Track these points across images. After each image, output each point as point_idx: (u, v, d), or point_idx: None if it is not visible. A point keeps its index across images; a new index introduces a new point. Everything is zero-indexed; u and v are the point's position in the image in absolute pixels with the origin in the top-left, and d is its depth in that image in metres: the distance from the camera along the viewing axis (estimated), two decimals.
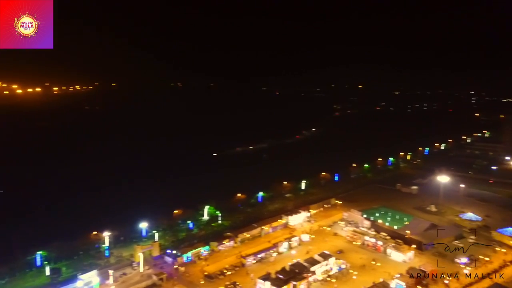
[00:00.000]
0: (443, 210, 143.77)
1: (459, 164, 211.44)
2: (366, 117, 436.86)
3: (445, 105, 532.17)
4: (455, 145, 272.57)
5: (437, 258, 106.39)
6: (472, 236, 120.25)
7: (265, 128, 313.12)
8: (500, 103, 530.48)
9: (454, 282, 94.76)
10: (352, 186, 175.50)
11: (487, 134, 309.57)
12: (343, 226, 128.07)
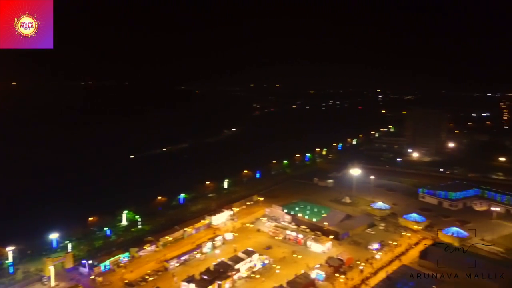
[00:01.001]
0: (357, 201, 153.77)
1: (369, 157, 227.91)
2: (284, 115, 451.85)
3: (355, 103, 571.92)
4: (365, 140, 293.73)
5: (352, 247, 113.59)
6: (382, 223, 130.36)
7: (185, 128, 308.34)
8: (402, 100, 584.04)
9: (368, 267, 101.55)
10: (273, 182, 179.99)
11: (392, 129, 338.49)
12: (265, 222, 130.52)
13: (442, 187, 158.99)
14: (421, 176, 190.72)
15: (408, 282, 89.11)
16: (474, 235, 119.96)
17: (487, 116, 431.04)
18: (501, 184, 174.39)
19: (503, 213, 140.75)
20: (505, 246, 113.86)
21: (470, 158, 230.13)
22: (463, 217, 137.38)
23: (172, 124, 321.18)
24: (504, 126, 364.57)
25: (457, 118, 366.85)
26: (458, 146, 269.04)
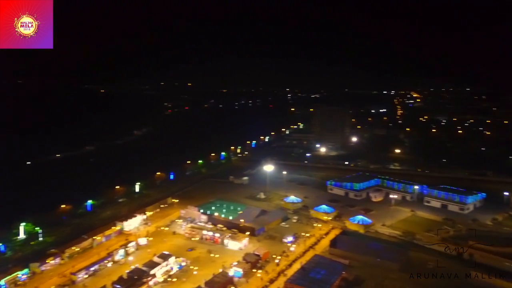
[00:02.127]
0: (271, 196, 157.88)
1: (281, 154, 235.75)
2: (198, 114, 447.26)
3: (266, 102, 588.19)
4: (276, 137, 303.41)
5: (268, 241, 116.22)
6: (295, 216, 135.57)
7: (91, 130, 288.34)
8: (309, 99, 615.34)
9: (283, 260, 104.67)
10: (188, 183, 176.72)
11: (301, 126, 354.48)
12: (181, 224, 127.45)
13: (347, 179, 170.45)
14: (328, 170, 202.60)
15: (320, 271, 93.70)
16: (376, 221, 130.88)
17: (384, 112, 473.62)
18: (398, 173, 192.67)
19: (400, 200, 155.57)
20: (403, 229, 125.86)
21: (370, 151, 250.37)
22: (366, 206, 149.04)
23: (76, 126, 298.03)
24: (398, 121, 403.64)
25: (358, 114, 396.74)
26: (360, 140, 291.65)
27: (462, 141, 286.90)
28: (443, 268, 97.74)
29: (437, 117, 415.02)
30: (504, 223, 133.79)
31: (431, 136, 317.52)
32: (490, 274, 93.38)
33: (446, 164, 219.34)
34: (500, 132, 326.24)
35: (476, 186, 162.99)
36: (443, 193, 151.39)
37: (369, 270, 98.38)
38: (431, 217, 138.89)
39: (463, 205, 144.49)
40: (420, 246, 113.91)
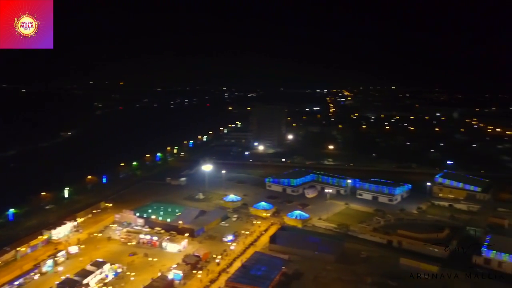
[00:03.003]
0: (210, 196, 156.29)
1: (219, 153, 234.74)
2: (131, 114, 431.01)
3: (203, 100, 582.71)
4: (215, 136, 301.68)
5: (208, 241, 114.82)
6: (235, 215, 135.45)
7: (12, 132, 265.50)
8: (246, 97, 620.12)
9: (224, 259, 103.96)
10: (122, 186, 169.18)
11: (239, 124, 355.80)
12: (116, 229, 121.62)
13: (285, 175, 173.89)
14: (267, 167, 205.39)
15: (261, 267, 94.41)
16: (313, 215, 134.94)
17: (317, 110, 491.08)
18: (332, 168, 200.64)
19: (335, 194, 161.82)
20: (338, 222, 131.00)
21: (306, 148, 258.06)
22: (303, 201, 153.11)
23: None
24: (331, 118, 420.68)
25: (294, 112, 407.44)
26: (296, 138, 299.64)
27: (389, 136, 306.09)
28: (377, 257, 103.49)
29: (367, 114, 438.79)
30: (427, 211, 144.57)
31: (361, 132, 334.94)
32: (416, 258, 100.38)
33: (375, 158, 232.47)
34: (422, 127, 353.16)
35: (402, 178, 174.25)
36: (374, 186, 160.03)
37: (307, 263, 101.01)
38: (363, 209, 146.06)
39: (392, 196, 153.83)
40: (354, 237, 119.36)
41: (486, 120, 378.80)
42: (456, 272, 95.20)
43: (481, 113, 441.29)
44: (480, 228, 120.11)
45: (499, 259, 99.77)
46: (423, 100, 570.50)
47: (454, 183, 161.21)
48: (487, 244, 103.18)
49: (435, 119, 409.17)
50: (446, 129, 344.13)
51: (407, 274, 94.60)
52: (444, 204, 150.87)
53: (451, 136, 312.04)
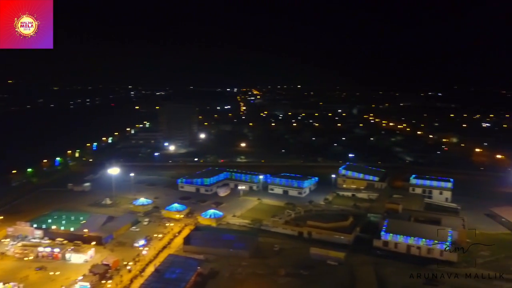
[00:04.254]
0: (118, 201, 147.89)
1: (127, 155, 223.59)
2: (23, 116, 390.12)
3: (107, 100, 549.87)
4: (121, 137, 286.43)
5: (118, 248, 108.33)
6: (146, 219, 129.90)
7: None
8: (155, 96, 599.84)
9: (136, 265, 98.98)
10: (15, 196, 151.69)
11: (147, 124, 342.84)
12: (8, 244, 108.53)
13: (197, 175, 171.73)
14: (179, 167, 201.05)
15: (175, 270, 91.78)
16: (227, 213, 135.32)
17: (229, 108, 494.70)
18: (244, 165, 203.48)
19: (248, 190, 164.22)
20: (251, 217, 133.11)
21: (218, 146, 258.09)
22: (217, 200, 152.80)
23: None
24: (242, 117, 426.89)
25: (205, 111, 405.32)
26: (208, 136, 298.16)
27: (297, 133, 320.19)
28: (290, 249, 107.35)
29: (275, 112, 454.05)
30: (333, 201, 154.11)
31: (271, 129, 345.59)
32: (325, 247, 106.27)
33: (285, 154, 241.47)
34: (326, 123, 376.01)
35: (310, 172, 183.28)
36: (284, 180, 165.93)
37: (223, 261, 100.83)
38: (275, 203, 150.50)
39: (301, 190, 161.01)
40: (268, 231, 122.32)
41: (381, 116, 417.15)
42: (361, 256, 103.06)
43: (376, 109, 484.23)
44: (379, 214, 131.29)
45: (395, 241, 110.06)
46: (326, 98, 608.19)
47: (355, 174, 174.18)
48: (385, 228, 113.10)
49: (337, 115, 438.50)
50: (347, 124, 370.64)
51: (317, 262, 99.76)
52: (347, 194, 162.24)
53: (351, 131, 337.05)
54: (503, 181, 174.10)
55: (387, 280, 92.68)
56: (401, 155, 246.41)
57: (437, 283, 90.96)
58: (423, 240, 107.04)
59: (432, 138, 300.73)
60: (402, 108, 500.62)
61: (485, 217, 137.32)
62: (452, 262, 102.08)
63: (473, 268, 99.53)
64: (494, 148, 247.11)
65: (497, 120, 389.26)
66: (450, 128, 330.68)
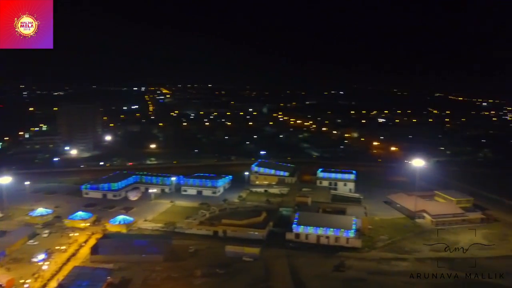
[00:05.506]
0: (11, 213, 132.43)
1: (21, 161, 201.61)
2: None
3: None
4: (13, 142, 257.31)
5: (13, 265, 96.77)
6: (46, 230, 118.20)
7: None
8: (52, 97, 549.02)
9: (36, 282, 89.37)
10: None
11: (44, 127, 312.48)
12: None
13: (104, 180, 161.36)
14: (82, 173, 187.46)
15: (82, 283, 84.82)
16: (138, 218, 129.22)
17: (136, 108, 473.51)
18: (156, 168, 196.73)
19: (160, 193, 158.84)
20: (164, 221, 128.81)
21: (126, 148, 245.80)
22: (127, 204, 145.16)
23: None
24: (151, 117, 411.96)
25: (110, 111, 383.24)
26: (114, 138, 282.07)
27: (210, 132, 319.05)
28: (205, 249, 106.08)
29: (187, 112, 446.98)
30: (247, 198, 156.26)
31: (182, 129, 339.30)
32: (240, 244, 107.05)
33: (198, 153, 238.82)
34: (238, 122, 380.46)
35: (224, 170, 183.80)
36: (198, 181, 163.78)
37: (135, 268, 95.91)
38: (189, 204, 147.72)
39: (215, 189, 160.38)
40: (182, 233, 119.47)
41: (289, 114, 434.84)
42: (275, 250, 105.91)
43: (284, 108, 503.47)
44: (290, 208, 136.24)
45: (306, 232, 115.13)
46: (237, 97, 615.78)
47: (267, 170, 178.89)
48: (296, 221, 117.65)
49: (249, 114, 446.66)
50: (258, 123, 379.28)
51: (233, 260, 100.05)
52: (260, 190, 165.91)
53: (262, 129, 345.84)
54: (397, 171, 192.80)
55: (299, 270, 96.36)
56: (309, 151, 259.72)
57: (345, 269, 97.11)
58: (331, 230, 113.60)
59: (336, 134, 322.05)
60: (308, 107, 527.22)
61: (383, 204, 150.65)
62: (357, 248, 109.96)
63: (375, 251, 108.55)
64: (389, 141, 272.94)
65: (391, 116, 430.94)
66: (351, 124, 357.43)
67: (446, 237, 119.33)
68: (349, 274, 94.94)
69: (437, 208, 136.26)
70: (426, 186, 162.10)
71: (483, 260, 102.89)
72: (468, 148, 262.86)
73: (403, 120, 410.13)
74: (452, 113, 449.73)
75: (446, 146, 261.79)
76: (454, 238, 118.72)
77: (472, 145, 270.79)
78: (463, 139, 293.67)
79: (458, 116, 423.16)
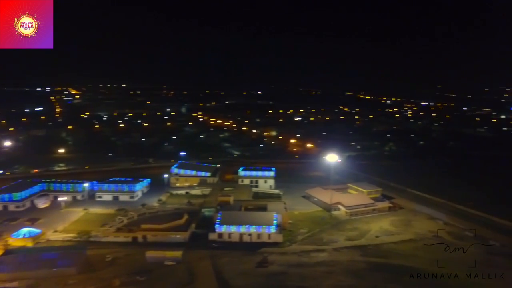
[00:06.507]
0: None
1: None
2: None
3: None
4: None
5: None
6: None
7: None
8: None
9: None
10: None
11: None
12: None
13: (4, 190, 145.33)
14: None
15: None
16: (47, 229, 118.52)
17: (40, 110, 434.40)
18: (65, 174, 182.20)
19: (71, 201, 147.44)
20: (77, 230, 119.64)
21: (30, 154, 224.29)
22: (33, 215, 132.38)
23: None
24: (58, 119, 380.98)
25: (9, 114, 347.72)
26: (16, 144, 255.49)
27: (125, 134, 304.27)
28: (124, 257, 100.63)
29: (99, 113, 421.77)
30: (167, 201, 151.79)
31: (95, 132, 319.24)
32: (162, 248, 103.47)
33: (113, 157, 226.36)
34: (155, 123, 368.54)
35: (142, 174, 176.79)
36: (113, 186, 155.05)
37: (45, 284, 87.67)
38: (104, 211, 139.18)
39: (133, 193, 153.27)
40: (98, 242, 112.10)
41: (209, 114, 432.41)
42: (198, 252, 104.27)
43: (204, 108, 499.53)
44: (213, 208, 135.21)
45: (229, 231, 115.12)
46: (154, 97, 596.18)
47: (188, 171, 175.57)
48: (219, 220, 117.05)
49: (167, 114, 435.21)
50: (177, 123, 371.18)
51: (154, 265, 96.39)
52: (181, 193, 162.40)
53: (181, 129, 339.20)
54: (313, 166, 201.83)
55: (223, 270, 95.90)
56: (230, 150, 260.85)
57: (268, 264, 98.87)
58: (253, 227, 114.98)
59: (256, 132, 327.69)
60: (228, 106, 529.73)
61: (302, 198, 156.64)
62: (278, 242, 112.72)
63: (296, 245, 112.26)
64: (305, 139, 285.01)
65: (306, 115, 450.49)
66: (269, 123, 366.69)
67: (359, 226, 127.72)
68: (272, 269, 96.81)
69: (351, 199, 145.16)
70: (340, 180, 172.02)
71: (391, 245, 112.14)
72: (375, 142, 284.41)
73: (317, 118, 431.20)
74: (361, 111, 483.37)
75: (356, 141, 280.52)
76: (366, 226, 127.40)
77: (379, 139, 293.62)
78: (371, 135, 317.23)
79: (366, 114, 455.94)
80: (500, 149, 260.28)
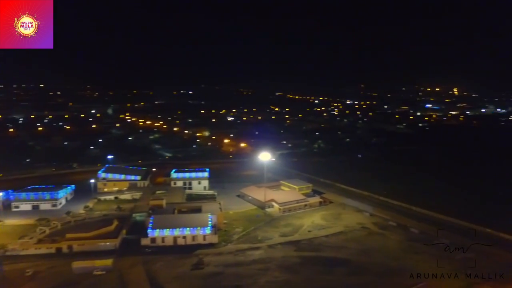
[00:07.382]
0: None
1: None
2: None
3: None
4: None
5: None
6: None
7: None
8: None
9: None
10: None
11: None
12: None
13: None
14: None
15: None
16: None
17: None
18: None
19: None
20: None
21: None
22: None
23: None
24: None
25: None
26: None
27: (45, 138, 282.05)
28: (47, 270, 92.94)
29: (13, 116, 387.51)
30: (95, 208, 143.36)
31: (9, 136, 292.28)
32: (90, 257, 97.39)
33: (31, 163, 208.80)
34: (79, 125, 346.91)
35: (65, 180, 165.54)
36: (33, 194, 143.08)
37: None
38: (22, 222, 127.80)
39: (55, 201, 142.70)
40: (16, 256, 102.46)
41: (137, 115, 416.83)
42: (130, 258, 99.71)
43: (132, 109, 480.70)
44: (144, 212, 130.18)
45: (162, 236, 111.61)
46: (76, 98, 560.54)
47: (116, 176, 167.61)
48: (151, 225, 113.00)
49: (91, 116, 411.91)
50: (103, 125, 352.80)
51: (82, 276, 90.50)
52: (110, 198, 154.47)
53: (108, 131, 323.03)
54: (247, 165, 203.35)
55: (158, 275, 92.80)
56: (161, 152, 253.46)
57: (203, 266, 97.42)
58: (187, 229, 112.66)
59: (188, 133, 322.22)
60: (158, 107, 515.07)
61: (236, 198, 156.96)
62: (214, 243, 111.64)
63: (231, 244, 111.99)
64: (238, 138, 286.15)
65: (238, 114, 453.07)
66: (202, 123, 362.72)
67: (292, 222, 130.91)
68: (207, 270, 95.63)
69: (283, 196, 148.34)
70: (273, 177, 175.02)
71: (322, 239, 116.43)
72: (305, 140, 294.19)
73: (249, 117, 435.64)
74: (291, 110, 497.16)
75: (287, 140, 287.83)
76: (299, 222, 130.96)
77: (308, 137, 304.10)
78: (301, 133, 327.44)
79: (296, 113, 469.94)
80: (417, 143, 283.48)
